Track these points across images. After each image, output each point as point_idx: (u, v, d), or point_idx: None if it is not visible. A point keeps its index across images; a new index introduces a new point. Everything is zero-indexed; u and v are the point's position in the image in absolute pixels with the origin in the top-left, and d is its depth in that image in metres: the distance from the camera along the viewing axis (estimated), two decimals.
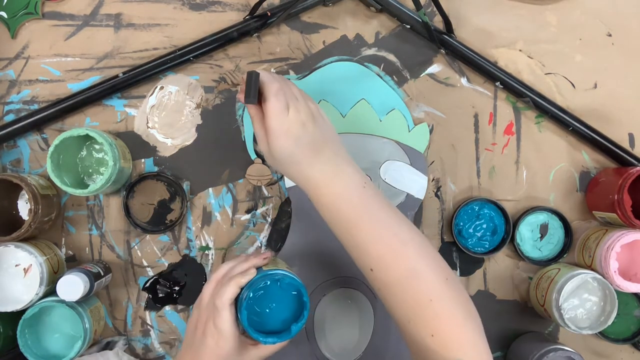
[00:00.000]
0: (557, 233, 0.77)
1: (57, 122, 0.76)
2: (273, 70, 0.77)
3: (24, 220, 0.71)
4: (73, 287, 0.67)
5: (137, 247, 0.77)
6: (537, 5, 0.77)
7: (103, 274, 0.72)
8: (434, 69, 0.78)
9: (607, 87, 0.78)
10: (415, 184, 0.75)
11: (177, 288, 0.77)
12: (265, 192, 0.77)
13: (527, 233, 0.77)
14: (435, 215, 0.78)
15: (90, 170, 0.74)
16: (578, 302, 0.72)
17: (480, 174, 0.78)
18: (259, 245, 0.77)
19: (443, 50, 0.77)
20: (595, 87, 0.78)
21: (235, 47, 0.77)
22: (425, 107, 0.77)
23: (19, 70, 0.76)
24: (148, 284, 0.77)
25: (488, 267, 0.78)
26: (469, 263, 0.78)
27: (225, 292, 0.57)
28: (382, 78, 0.77)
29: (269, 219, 0.77)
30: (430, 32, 0.74)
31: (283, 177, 0.76)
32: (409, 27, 0.76)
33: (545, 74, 0.78)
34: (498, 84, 0.76)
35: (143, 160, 0.77)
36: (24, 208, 0.74)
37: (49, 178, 0.68)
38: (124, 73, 0.74)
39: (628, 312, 0.77)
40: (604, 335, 0.76)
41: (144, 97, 0.77)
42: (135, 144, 0.76)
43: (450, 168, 0.78)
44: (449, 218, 0.77)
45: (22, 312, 0.68)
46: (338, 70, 0.77)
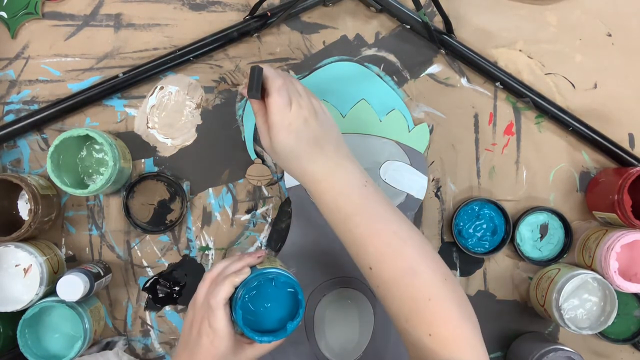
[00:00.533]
0: (557, 233, 0.77)
1: (57, 122, 0.76)
2: None
3: (24, 220, 0.71)
4: (73, 287, 0.67)
5: (137, 247, 0.77)
6: (537, 5, 0.77)
7: (103, 274, 0.72)
8: (434, 69, 0.78)
9: (607, 87, 0.78)
10: (415, 184, 0.75)
11: (177, 288, 0.77)
12: (265, 192, 0.77)
13: (527, 233, 0.77)
14: (435, 216, 0.78)
15: (90, 171, 0.74)
16: (578, 302, 0.72)
17: (480, 174, 0.78)
18: (259, 245, 0.77)
19: (443, 51, 0.77)
20: (595, 87, 0.78)
21: (235, 47, 0.77)
22: (425, 107, 0.77)
23: (19, 70, 0.76)
24: (148, 284, 0.77)
25: (488, 267, 0.78)
26: (469, 263, 0.78)
27: (220, 291, 0.57)
28: (382, 78, 0.77)
29: (269, 219, 0.77)
30: (430, 32, 0.74)
31: (283, 177, 0.76)
32: (409, 27, 0.76)
33: (545, 74, 0.78)
34: (498, 84, 0.76)
35: (143, 161, 0.77)
36: (24, 208, 0.74)
37: (49, 178, 0.68)
38: (124, 73, 0.74)
39: (628, 312, 0.77)
40: (604, 336, 0.76)
41: (144, 97, 0.77)
42: (135, 144, 0.76)
43: (450, 168, 0.78)
44: (449, 218, 0.77)
45: (22, 312, 0.68)
46: (338, 70, 0.77)
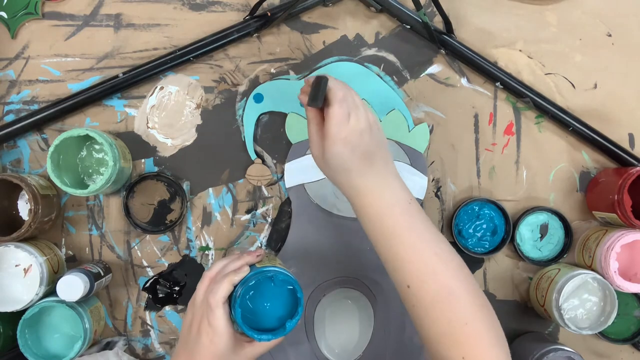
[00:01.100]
0: (557, 233, 0.77)
1: (57, 122, 0.76)
2: (273, 71, 0.77)
3: (24, 220, 0.71)
4: (73, 287, 0.67)
5: (137, 247, 0.77)
6: (537, 5, 0.77)
7: (103, 274, 0.72)
8: (434, 69, 0.78)
9: (607, 87, 0.78)
10: (416, 184, 0.75)
11: (177, 288, 0.77)
12: (265, 192, 0.77)
13: (527, 233, 0.77)
14: (435, 216, 0.78)
15: (90, 171, 0.74)
16: (578, 302, 0.72)
17: (480, 174, 0.78)
18: (259, 245, 0.77)
19: (443, 51, 0.77)
20: (595, 87, 0.78)
21: (235, 47, 0.77)
22: (425, 107, 0.77)
23: (19, 70, 0.76)
24: (148, 284, 0.77)
25: (488, 267, 0.78)
26: (469, 263, 0.76)
27: (219, 290, 0.57)
28: (382, 78, 0.77)
29: (269, 219, 0.77)
30: (430, 32, 0.74)
31: (283, 177, 0.76)
32: (409, 27, 0.76)
33: (545, 74, 0.78)
34: (498, 84, 0.76)
35: (143, 160, 0.77)
36: (24, 208, 0.74)
37: (49, 178, 0.68)
38: (124, 73, 0.75)
39: (628, 312, 0.77)
40: (604, 335, 0.75)
41: (144, 97, 0.77)
42: (135, 144, 0.76)
43: (450, 168, 0.78)
44: (449, 218, 0.77)
45: (22, 312, 0.68)
46: (338, 70, 0.77)
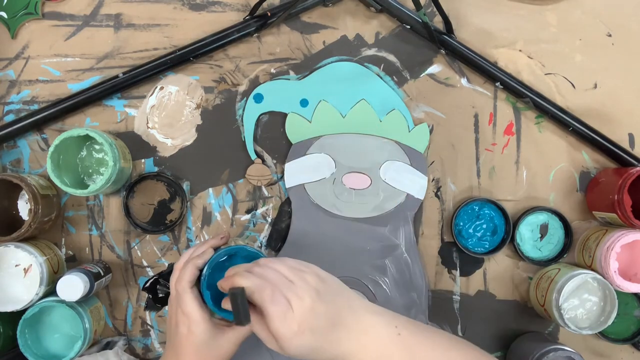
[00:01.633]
0: (557, 233, 0.77)
1: (57, 122, 0.76)
2: (273, 71, 0.77)
3: (24, 220, 0.71)
4: (73, 287, 0.67)
5: (137, 247, 0.77)
6: (537, 5, 0.77)
7: (103, 274, 0.72)
8: (434, 69, 0.78)
9: (607, 87, 0.78)
10: (416, 184, 0.75)
11: None
12: (265, 192, 0.77)
13: (527, 233, 0.77)
14: (435, 216, 0.78)
15: (90, 171, 0.74)
16: (578, 302, 0.72)
17: (480, 174, 0.78)
18: (259, 245, 0.77)
19: (443, 51, 0.76)
20: (595, 87, 0.78)
21: (235, 47, 0.77)
22: (425, 107, 0.77)
23: (19, 70, 0.76)
24: (148, 284, 0.76)
25: (488, 267, 0.78)
26: (469, 263, 0.78)
27: (184, 275, 0.58)
28: (382, 78, 0.77)
29: (269, 219, 0.77)
30: (430, 32, 0.74)
31: (283, 177, 0.76)
32: (409, 27, 0.76)
33: (545, 74, 0.78)
34: (498, 84, 0.76)
35: (143, 160, 0.77)
36: (24, 208, 0.74)
37: (49, 178, 0.68)
38: (124, 73, 0.75)
39: (628, 312, 0.77)
40: (604, 335, 0.75)
41: (144, 97, 0.77)
42: (135, 144, 0.76)
43: (450, 168, 0.78)
44: (449, 218, 0.77)
45: (22, 312, 0.68)
46: (338, 70, 0.77)
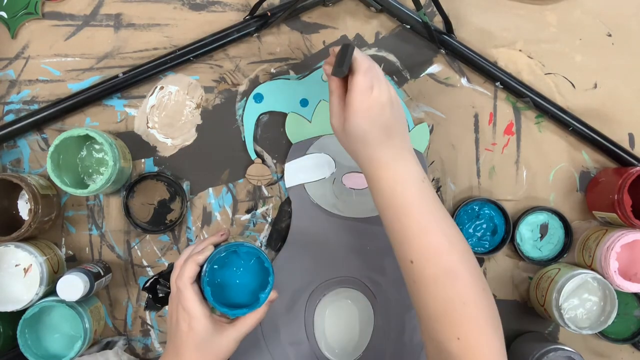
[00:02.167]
0: (557, 233, 0.77)
1: (57, 122, 0.76)
2: (273, 70, 0.77)
3: (24, 220, 0.71)
4: (73, 287, 0.67)
5: (137, 247, 0.77)
6: (537, 5, 0.77)
7: (103, 274, 0.72)
8: (434, 69, 0.78)
9: (607, 87, 0.78)
10: None
11: None
12: (265, 192, 0.77)
13: (527, 233, 0.77)
14: None
15: (90, 170, 0.74)
16: (578, 302, 0.72)
17: (480, 174, 0.78)
18: (259, 245, 0.77)
19: (443, 50, 0.77)
20: (595, 87, 0.78)
21: (235, 47, 0.77)
22: (425, 107, 0.77)
23: (19, 70, 0.76)
24: (148, 284, 0.76)
25: (488, 267, 0.78)
26: None
27: (184, 272, 0.58)
28: None
29: (269, 219, 0.77)
30: (430, 32, 0.74)
31: (283, 177, 0.76)
32: (409, 27, 0.76)
33: (545, 74, 0.78)
34: (498, 84, 0.76)
35: (143, 160, 0.77)
36: (24, 208, 0.74)
37: (49, 178, 0.68)
38: (124, 73, 0.74)
39: (628, 312, 0.77)
40: (604, 335, 0.75)
41: (144, 97, 0.77)
42: (135, 144, 0.76)
43: (450, 168, 0.78)
44: None
45: (22, 312, 0.68)
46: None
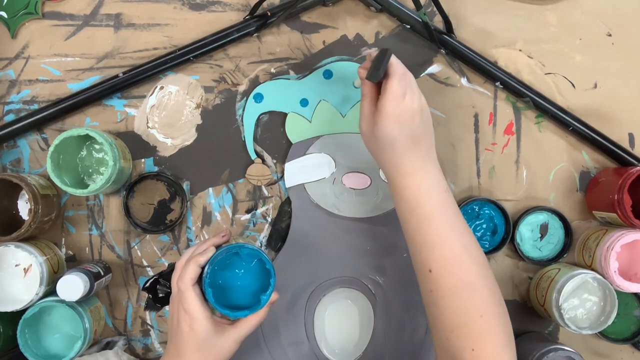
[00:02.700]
0: (557, 233, 0.77)
1: (57, 122, 0.76)
2: (273, 70, 0.77)
3: (24, 220, 0.71)
4: (73, 287, 0.67)
5: (137, 247, 0.77)
6: (537, 5, 0.77)
7: (103, 274, 0.72)
8: (434, 69, 0.78)
9: (607, 87, 0.78)
10: None
11: None
12: (265, 192, 0.77)
13: (527, 233, 0.77)
14: None
15: (90, 170, 0.74)
16: (578, 302, 0.72)
17: (480, 174, 0.78)
18: (259, 245, 0.77)
19: (443, 50, 0.77)
20: (595, 87, 0.78)
21: (235, 47, 0.77)
22: None
23: (19, 70, 0.76)
24: (148, 284, 0.76)
25: None
26: None
27: (186, 273, 0.58)
28: None
29: (269, 219, 0.77)
30: (430, 32, 0.74)
31: (283, 177, 0.76)
32: (409, 27, 0.76)
33: (545, 74, 0.78)
34: (498, 84, 0.76)
35: (143, 160, 0.77)
36: (24, 208, 0.74)
37: (49, 178, 0.68)
38: (124, 73, 0.74)
39: (628, 312, 0.77)
40: (604, 335, 0.75)
41: (144, 97, 0.77)
42: (135, 144, 0.76)
43: (450, 168, 0.78)
44: None
45: (22, 312, 0.68)
46: (338, 70, 0.77)
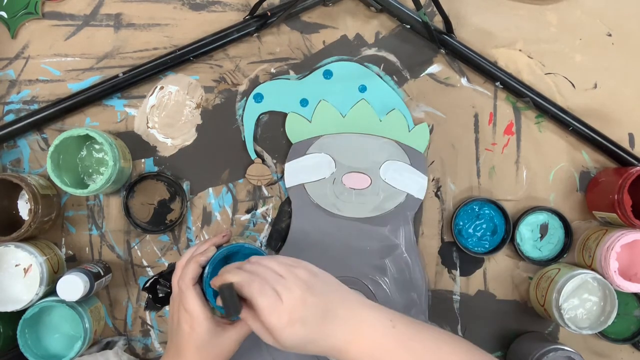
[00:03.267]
0: (557, 233, 0.77)
1: (57, 122, 0.76)
2: (273, 70, 0.77)
3: (24, 220, 0.71)
4: (73, 287, 0.67)
5: (137, 247, 0.77)
6: (537, 5, 0.77)
7: (103, 274, 0.72)
8: (434, 69, 0.78)
9: (607, 87, 0.78)
10: (416, 184, 0.75)
11: None
12: (265, 192, 0.77)
13: (527, 233, 0.77)
14: (435, 215, 0.78)
15: (90, 170, 0.74)
16: (578, 302, 0.72)
17: (480, 174, 0.78)
18: (259, 245, 0.77)
19: (443, 50, 0.76)
20: (595, 87, 0.78)
21: (235, 47, 0.77)
22: (425, 107, 0.77)
23: (19, 70, 0.76)
24: (148, 284, 0.76)
25: (488, 267, 0.78)
26: (469, 263, 0.78)
27: (186, 272, 0.58)
28: (382, 78, 0.77)
29: (269, 219, 0.77)
30: (430, 32, 0.74)
31: (283, 177, 0.76)
32: (409, 27, 0.76)
33: (545, 74, 0.78)
34: (498, 84, 0.76)
35: (143, 160, 0.77)
36: (24, 208, 0.74)
37: (49, 178, 0.68)
38: (124, 73, 0.74)
39: (628, 312, 0.77)
40: (604, 335, 0.75)
41: (144, 97, 0.77)
42: (135, 144, 0.76)
43: (450, 168, 0.78)
44: (449, 218, 0.77)
45: (22, 312, 0.68)
46: (338, 70, 0.77)
